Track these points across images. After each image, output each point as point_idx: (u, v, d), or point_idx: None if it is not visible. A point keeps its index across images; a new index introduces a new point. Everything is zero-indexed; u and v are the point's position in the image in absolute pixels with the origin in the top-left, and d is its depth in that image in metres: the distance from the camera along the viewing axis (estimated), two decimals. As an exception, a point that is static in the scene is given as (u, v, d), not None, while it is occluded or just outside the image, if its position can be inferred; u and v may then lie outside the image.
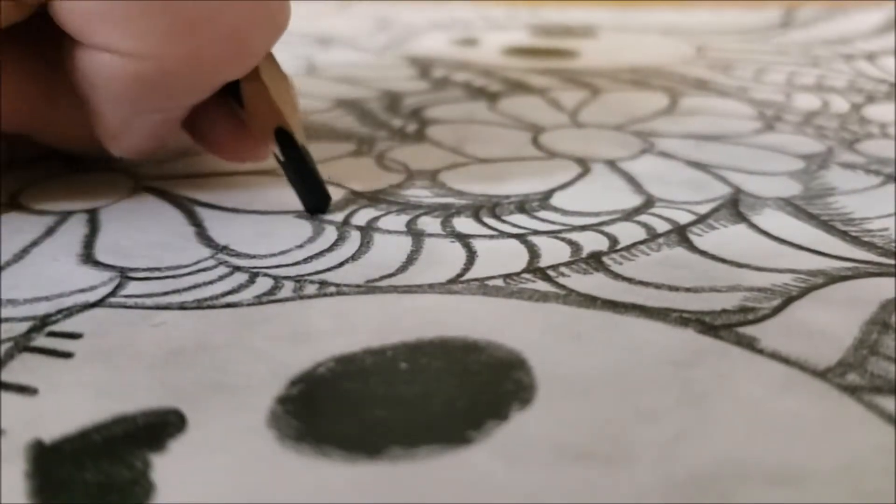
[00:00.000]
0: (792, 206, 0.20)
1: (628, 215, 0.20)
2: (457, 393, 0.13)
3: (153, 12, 0.16)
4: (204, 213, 0.20)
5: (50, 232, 0.19)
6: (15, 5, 0.16)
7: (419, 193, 0.21)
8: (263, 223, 0.19)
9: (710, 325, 0.15)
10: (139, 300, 0.16)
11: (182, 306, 0.16)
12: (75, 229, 0.19)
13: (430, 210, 0.20)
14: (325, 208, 0.20)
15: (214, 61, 0.17)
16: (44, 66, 0.19)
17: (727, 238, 0.19)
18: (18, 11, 0.17)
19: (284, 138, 0.19)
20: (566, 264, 0.17)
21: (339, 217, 0.19)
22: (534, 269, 0.17)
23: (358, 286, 0.16)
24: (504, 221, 0.19)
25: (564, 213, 0.20)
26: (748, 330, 0.15)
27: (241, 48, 0.17)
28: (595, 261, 0.17)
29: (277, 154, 0.19)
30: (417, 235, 0.19)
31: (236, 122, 0.20)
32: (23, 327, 0.15)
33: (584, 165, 0.23)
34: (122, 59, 0.17)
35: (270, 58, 0.19)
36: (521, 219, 0.19)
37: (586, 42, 0.40)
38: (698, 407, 0.13)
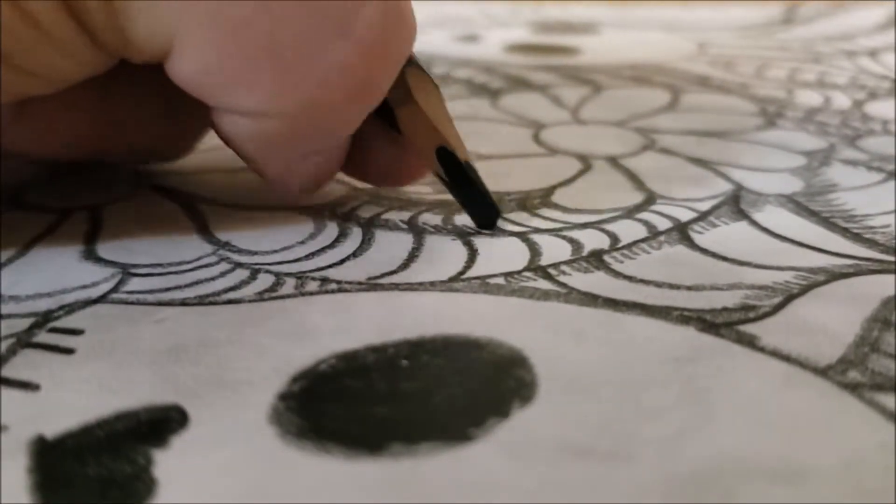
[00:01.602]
0: (793, 203, 0.20)
1: (629, 213, 0.20)
2: (458, 390, 0.13)
3: (272, 68, 0.15)
4: (206, 210, 0.20)
5: (52, 229, 0.19)
6: (90, 66, 0.15)
7: (421, 190, 0.21)
8: (265, 219, 0.19)
9: (711, 322, 0.15)
10: (141, 296, 0.16)
11: (184, 303, 0.16)
12: (77, 226, 0.19)
13: (432, 207, 0.20)
14: (496, 222, 0.19)
15: (348, 99, 0.16)
16: (104, 95, 0.18)
17: (728, 235, 0.19)
18: (90, 71, 0.16)
19: (446, 157, 0.18)
20: (567, 262, 0.17)
21: (340, 213, 0.19)
22: (535, 267, 0.17)
23: (359, 283, 0.16)
24: (505, 219, 0.19)
25: (566, 210, 0.20)
26: (749, 328, 0.15)
27: (358, 82, 0.16)
28: (596, 259, 0.17)
29: (441, 174, 0.18)
30: (419, 233, 0.19)
31: (392, 144, 0.18)
32: (25, 323, 0.15)
33: (586, 162, 0.23)
34: (254, 119, 0.16)
35: (418, 71, 0.18)
36: (522, 216, 0.19)
37: (588, 39, 0.40)
38: (699, 404, 0.13)
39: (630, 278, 0.17)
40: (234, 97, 0.16)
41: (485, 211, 0.19)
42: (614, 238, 0.18)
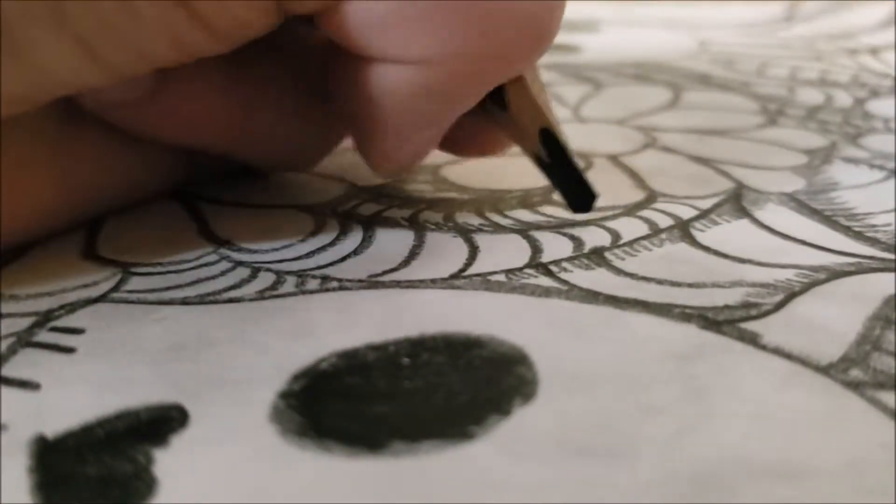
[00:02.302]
0: (795, 202, 0.20)
1: (630, 210, 0.20)
2: (459, 388, 0.13)
3: (447, 10, 0.15)
4: (206, 208, 0.20)
5: (52, 227, 0.19)
6: (264, 13, 0.15)
7: (421, 188, 0.21)
8: (266, 218, 0.19)
9: (712, 320, 0.15)
10: (141, 295, 0.16)
11: (184, 301, 0.16)
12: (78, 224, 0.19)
13: (433, 205, 0.20)
14: (592, 206, 0.19)
15: (510, 53, 0.16)
16: (245, 81, 0.18)
17: (730, 233, 0.18)
18: (265, 20, 0.15)
19: (549, 139, 0.18)
20: (568, 259, 0.17)
21: (341, 211, 0.19)
22: (536, 264, 0.17)
23: (360, 281, 0.16)
24: (506, 216, 0.19)
25: (567, 208, 0.20)
26: (751, 325, 0.15)
27: (539, 32, 0.16)
28: (597, 256, 0.17)
29: (543, 156, 0.18)
30: (420, 230, 0.19)
31: (478, 122, 0.18)
32: (25, 322, 0.15)
33: (587, 160, 0.23)
34: (410, 68, 0.15)
35: None
36: (523, 214, 0.19)
37: (589, 36, 0.39)
38: (701, 402, 0.13)
39: (631, 275, 0.17)
40: (407, 40, 0.15)
41: (582, 194, 0.18)
42: (616, 235, 0.18)
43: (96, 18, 0.14)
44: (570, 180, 0.18)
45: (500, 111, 0.18)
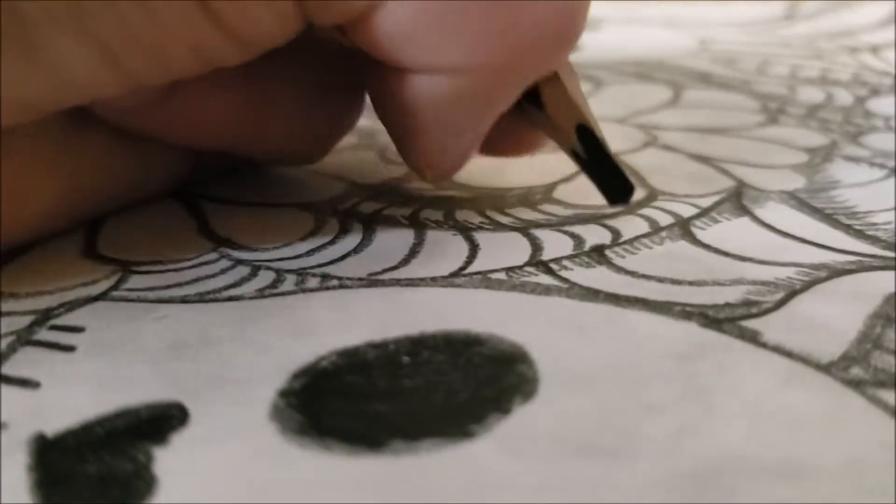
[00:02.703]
0: (795, 200, 0.20)
1: (631, 208, 0.20)
2: (459, 386, 0.13)
3: (472, 17, 0.15)
4: (206, 207, 0.20)
5: (52, 225, 0.19)
6: (285, 19, 0.14)
7: (421, 186, 0.21)
8: (265, 216, 0.19)
9: (713, 318, 0.15)
10: (141, 294, 0.16)
11: (184, 300, 0.16)
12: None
13: (433, 203, 0.20)
14: (629, 199, 0.19)
15: (539, 54, 0.16)
16: (255, 83, 0.18)
17: (730, 231, 0.18)
18: (285, 26, 0.15)
19: (585, 135, 0.18)
20: (569, 257, 0.17)
21: (341, 209, 0.19)
22: (536, 262, 0.17)
23: (360, 279, 0.16)
24: (506, 214, 0.19)
25: (567, 206, 0.20)
26: (751, 323, 0.15)
27: (566, 30, 0.16)
28: (598, 254, 0.17)
29: (580, 151, 0.18)
30: (420, 228, 0.19)
31: (515, 122, 0.18)
32: (25, 321, 0.15)
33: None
34: (443, 77, 0.15)
35: None
36: (523, 212, 0.19)
37: (589, 35, 0.39)
38: (701, 401, 0.13)
39: (632, 273, 0.17)
40: (433, 52, 0.15)
41: (619, 188, 0.19)
42: (616, 233, 0.18)
43: (115, 20, 0.13)
44: (607, 174, 0.18)
45: (537, 110, 0.18)
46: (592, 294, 0.16)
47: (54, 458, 0.12)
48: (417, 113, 0.16)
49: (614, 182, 0.19)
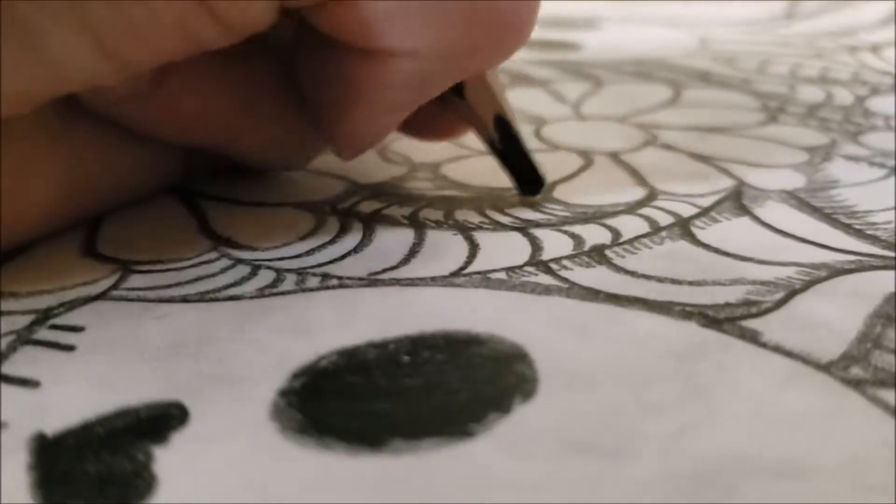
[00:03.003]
0: (795, 199, 0.20)
1: (631, 208, 0.20)
2: (459, 386, 0.13)
3: (444, 5, 0.15)
4: (206, 206, 0.20)
5: (52, 224, 0.19)
6: (265, 9, 0.15)
7: (421, 186, 0.21)
8: (266, 215, 0.19)
9: (713, 318, 0.15)
10: (141, 293, 0.16)
11: (184, 299, 0.16)
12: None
13: (433, 202, 0.20)
14: (541, 191, 0.20)
15: (496, 47, 0.17)
16: (241, 77, 0.18)
17: (730, 231, 0.18)
18: (265, 15, 0.15)
19: (503, 125, 0.19)
20: (569, 257, 0.17)
21: (341, 209, 0.19)
22: (536, 262, 0.17)
23: (360, 279, 0.16)
24: (506, 214, 0.19)
25: (567, 205, 0.20)
26: (751, 323, 0.15)
27: (522, 28, 0.16)
28: (598, 254, 0.17)
29: (496, 141, 0.19)
30: (420, 228, 0.19)
31: (435, 107, 0.19)
32: (25, 320, 0.15)
33: (587, 158, 0.23)
34: (405, 60, 0.16)
35: None
36: (523, 211, 0.19)
37: (589, 34, 0.39)
38: (702, 400, 0.13)
39: (632, 273, 0.17)
40: (410, 36, 0.15)
41: (531, 179, 0.20)
42: (616, 233, 0.18)
43: (114, 12, 0.14)
44: (520, 165, 0.20)
45: (459, 99, 0.19)
46: (592, 294, 0.16)
47: (54, 458, 0.12)
48: (365, 91, 0.17)
49: (527, 173, 0.20)
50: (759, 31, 0.41)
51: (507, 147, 0.19)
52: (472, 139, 0.24)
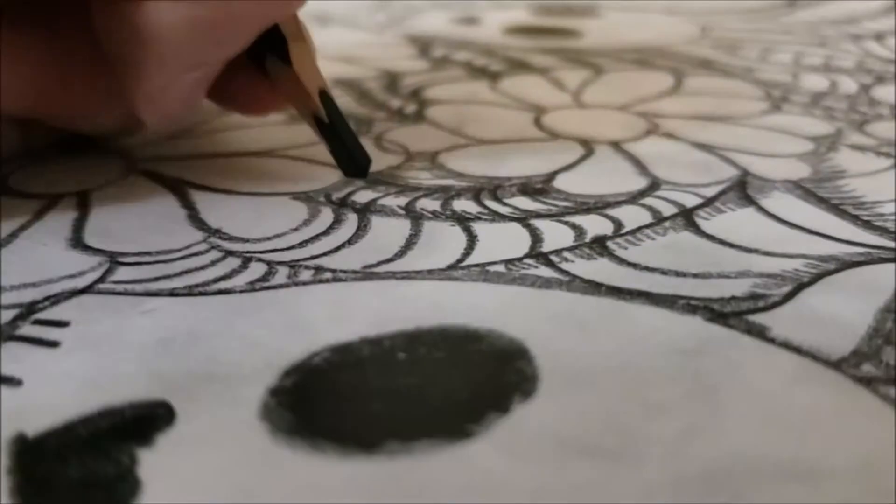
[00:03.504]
0: (801, 189, 0.20)
1: (633, 198, 0.19)
2: (457, 384, 0.13)
3: None
4: (196, 196, 0.19)
5: (39, 215, 0.18)
6: None
7: (418, 175, 0.20)
8: (257, 205, 0.19)
9: (719, 312, 0.15)
10: (128, 286, 0.15)
11: (172, 293, 0.15)
12: (65, 212, 0.18)
13: (430, 192, 0.19)
14: (366, 172, 0.19)
15: None
16: (54, 46, 0.18)
17: (735, 222, 0.18)
18: None
19: (327, 101, 0.19)
20: (570, 249, 0.17)
21: (335, 199, 0.19)
22: (536, 254, 0.17)
23: (355, 272, 0.16)
24: (506, 204, 0.19)
25: (568, 195, 0.19)
26: (759, 318, 0.14)
27: None
28: (599, 245, 0.17)
29: (323, 116, 0.19)
30: (416, 219, 0.18)
31: (255, 80, 0.19)
32: (8, 315, 0.14)
33: (588, 147, 0.22)
34: (180, 4, 0.16)
35: (300, 22, 0.19)
36: (523, 201, 0.19)
37: (589, 21, 0.39)
38: (708, 399, 0.12)
39: (635, 265, 0.16)
40: None
41: (356, 159, 0.19)
42: (618, 224, 0.18)
43: None
44: (344, 144, 0.19)
45: (283, 65, 0.19)
46: (594, 287, 0.15)
47: (34, 461, 0.11)
48: (149, 40, 0.16)
49: (353, 153, 0.19)
50: (761, 18, 0.40)
51: (333, 124, 0.19)
52: (472, 128, 0.24)
